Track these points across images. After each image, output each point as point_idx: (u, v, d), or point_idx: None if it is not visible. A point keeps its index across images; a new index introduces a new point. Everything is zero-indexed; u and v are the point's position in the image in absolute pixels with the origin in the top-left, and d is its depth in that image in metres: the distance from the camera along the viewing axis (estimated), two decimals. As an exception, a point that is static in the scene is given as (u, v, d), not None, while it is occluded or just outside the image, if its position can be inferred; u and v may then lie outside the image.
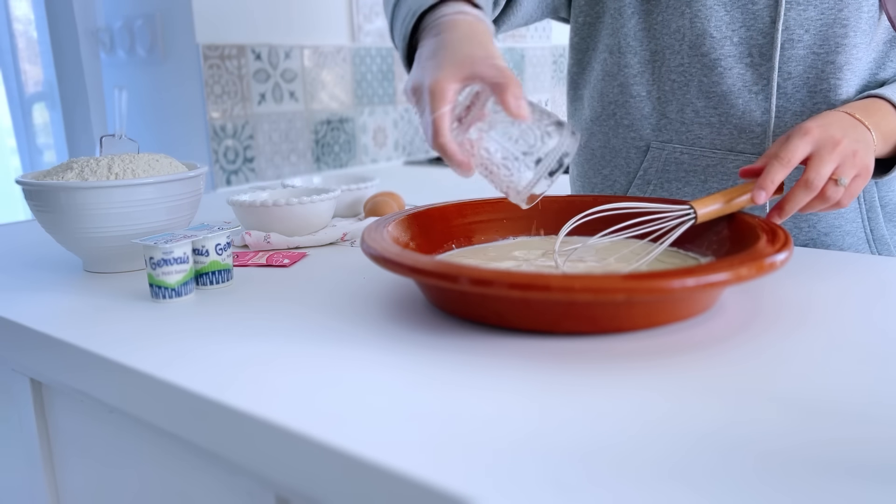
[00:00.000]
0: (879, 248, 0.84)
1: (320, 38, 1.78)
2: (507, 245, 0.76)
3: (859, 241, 0.84)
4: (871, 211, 0.83)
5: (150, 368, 0.51)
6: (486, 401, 0.44)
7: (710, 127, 0.83)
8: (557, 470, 0.36)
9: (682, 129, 0.84)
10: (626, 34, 0.86)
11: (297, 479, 0.43)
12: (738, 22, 0.79)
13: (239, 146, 1.62)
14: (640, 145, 0.88)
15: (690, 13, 0.80)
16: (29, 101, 1.70)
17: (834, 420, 0.41)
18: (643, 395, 0.44)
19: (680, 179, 0.86)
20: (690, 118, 0.83)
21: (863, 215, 0.83)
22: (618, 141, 0.90)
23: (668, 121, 0.85)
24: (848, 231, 0.83)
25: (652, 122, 0.86)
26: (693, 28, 0.80)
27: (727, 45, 0.79)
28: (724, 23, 0.79)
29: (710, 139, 0.83)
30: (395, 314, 0.61)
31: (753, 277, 0.52)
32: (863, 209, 0.83)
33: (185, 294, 0.67)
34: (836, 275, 0.69)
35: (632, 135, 0.88)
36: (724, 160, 0.83)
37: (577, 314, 0.53)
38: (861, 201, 0.83)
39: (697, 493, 0.34)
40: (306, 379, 0.48)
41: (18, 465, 0.73)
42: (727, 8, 0.79)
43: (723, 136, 0.82)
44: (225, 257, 0.70)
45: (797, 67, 0.78)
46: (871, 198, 0.83)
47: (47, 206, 0.73)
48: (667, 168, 0.86)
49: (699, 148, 0.84)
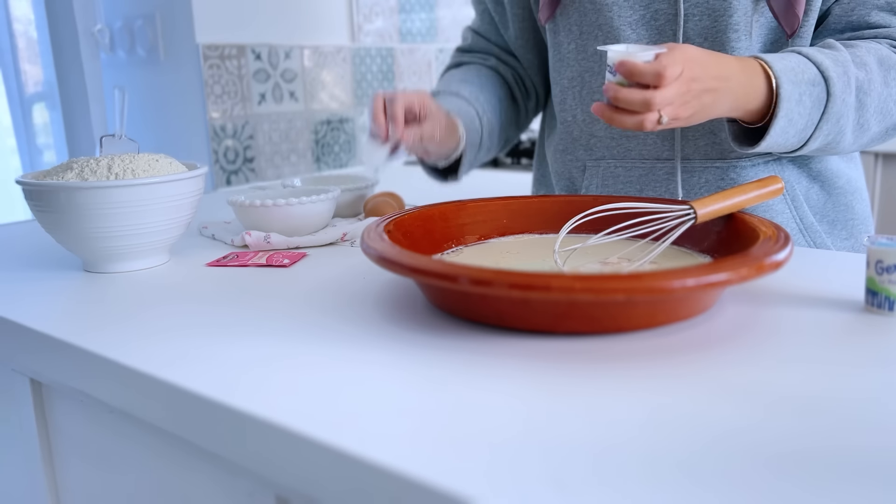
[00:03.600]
0: (813, 238, 0.87)
1: (320, 38, 1.78)
2: (509, 244, 0.76)
3: (792, 233, 0.86)
4: (794, 201, 0.86)
5: (150, 368, 0.51)
6: (486, 401, 0.44)
7: (635, 139, 0.87)
8: (557, 470, 0.36)
9: (612, 145, 0.89)
10: (551, 68, 0.93)
11: (297, 479, 0.43)
12: (645, 39, 0.83)
13: (239, 146, 1.62)
14: (578, 165, 0.93)
15: (602, 35, 0.85)
16: (29, 101, 1.70)
17: (834, 420, 0.41)
18: (643, 395, 0.44)
19: (619, 191, 0.90)
20: (618, 133, 0.88)
21: (789, 206, 0.86)
22: (559, 165, 0.96)
23: (598, 139, 0.90)
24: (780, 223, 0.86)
25: (583, 143, 0.92)
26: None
27: None
28: (631, 40, 0.84)
29: (638, 150, 0.88)
30: (395, 314, 0.61)
31: (753, 277, 0.52)
32: (787, 199, 0.85)
33: None
34: (836, 274, 0.69)
35: (569, 157, 0.94)
36: (654, 168, 0.87)
37: (577, 314, 0.53)
38: (784, 193, 0.85)
39: (698, 492, 0.34)
40: (306, 379, 0.48)
41: (18, 465, 0.73)
42: (633, 27, 0.83)
43: (648, 146, 0.87)
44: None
45: None
46: (792, 190, 0.85)
47: (47, 206, 0.73)
48: (605, 183, 0.91)
49: (629, 160, 0.89)
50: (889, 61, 0.75)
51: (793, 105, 0.71)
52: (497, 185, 1.58)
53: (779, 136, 0.73)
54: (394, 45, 1.98)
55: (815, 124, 0.73)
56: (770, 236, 0.59)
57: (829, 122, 0.73)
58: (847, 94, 0.72)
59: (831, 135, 0.75)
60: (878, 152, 1.94)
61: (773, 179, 0.70)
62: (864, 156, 1.95)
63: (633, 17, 0.83)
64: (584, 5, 0.86)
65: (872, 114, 0.75)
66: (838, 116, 0.73)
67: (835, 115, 0.73)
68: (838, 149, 0.78)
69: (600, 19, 0.85)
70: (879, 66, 0.75)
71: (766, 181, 0.70)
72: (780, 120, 0.71)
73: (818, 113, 0.73)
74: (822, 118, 0.73)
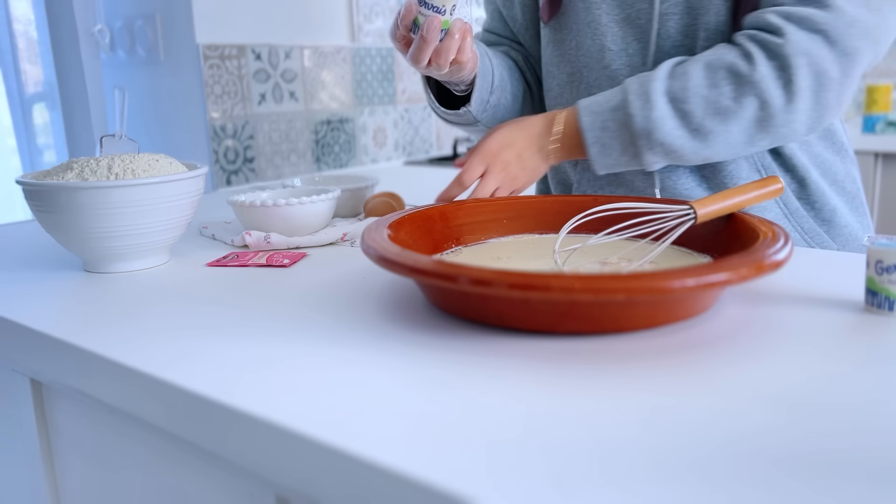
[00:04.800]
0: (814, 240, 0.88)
1: (320, 38, 1.78)
2: (509, 244, 0.76)
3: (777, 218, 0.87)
4: (794, 214, 0.87)
5: (150, 368, 0.51)
6: (486, 401, 0.44)
7: None
8: (557, 470, 0.36)
9: None
10: (546, 63, 0.96)
11: (297, 479, 0.43)
12: (630, 36, 0.86)
13: (239, 146, 1.62)
14: (570, 160, 0.95)
15: (591, 32, 0.89)
16: (29, 101, 1.70)
17: (834, 420, 0.41)
18: (643, 395, 0.44)
19: (607, 183, 0.92)
20: None
21: (787, 216, 0.87)
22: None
23: None
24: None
25: None
26: (594, 44, 0.89)
27: (624, 58, 0.87)
28: (618, 37, 0.87)
29: None
30: (395, 314, 0.61)
31: (753, 277, 0.52)
32: (784, 211, 0.87)
33: None
34: (836, 274, 0.69)
35: None
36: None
37: (577, 314, 0.53)
38: (781, 205, 0.86)
39: (698, 492, 0.34)
40: (306, 379, 0.48)
41: (18, 465, 0.73)
42: (620, 25, 0.87)
43: None
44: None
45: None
46: (793, 206, 0.86)
47: (47, 206, 0.73)
48: (598, 178, 0.92)
49: None
50: (720, 62, 0.76)
51: (597, 132, 0.79)
52: (497, 185, 1.57)
53: (605, 158, 0.80)
54: (394, 45, 1.98)
55: (633, 142, 0.78)
56: (770, 236, 0.59)
57: (644, 137, 0.77)
58: (649, 111, 0.76)
59: (665, 145, 0.77)
60: (878, 152, 1.94)
61: (772, 180, 0.70)
62: (864, 156, 1.95)
63: (619, 16, 0.86)
64: (576, 4, 0.89)
65: (703, 117, 0.76)
66: (649, 131, 0.77)
67: (644, 130, 0.77)
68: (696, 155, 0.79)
69: (589, 17, 0.88)
70: (705, 69, 0.76)
71: (766, 181, 0.70)
72: (592, 147, 0.80)
73: (627, 132, 0.78)
74: (634, 136, 0.78)
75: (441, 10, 0.73)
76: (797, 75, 0.73)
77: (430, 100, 0.96)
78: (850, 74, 0.75)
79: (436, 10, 0.73)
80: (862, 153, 1.95)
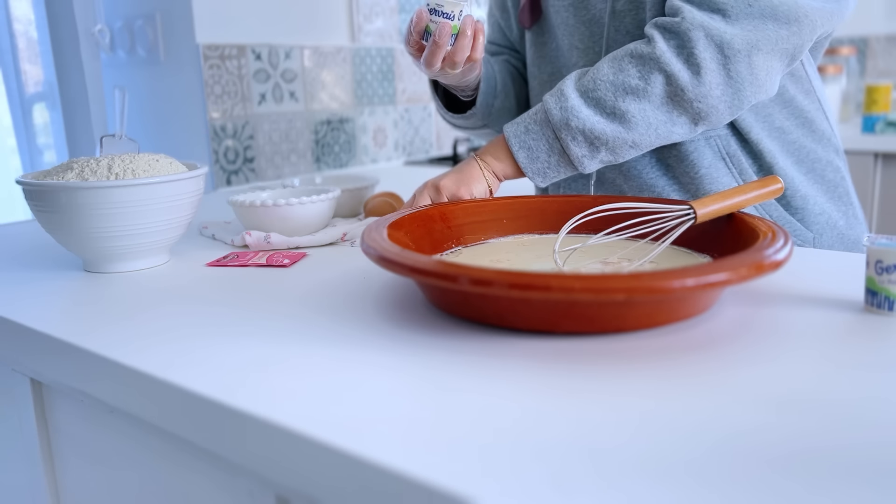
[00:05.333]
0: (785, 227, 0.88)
1: (320, 38, 1.78)
2: (509, 244, 0.76)
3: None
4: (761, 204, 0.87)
5: (150, 368, 0.51)
6: (486, 401, 0.44)
7: None
8: (557, 469, 0.36)
9: None
10: (529, 64, 0.99)
11: (297, 479, 0.43)
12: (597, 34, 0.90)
13: (239, 146, 1.62)
14: None
15: (564, 33, 0.93)
16: (29, 101, 1.70)
17: (834, 420, 0.41)
18: (643, 395, 0.45)
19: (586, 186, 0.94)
20: None
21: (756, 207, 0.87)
22: None
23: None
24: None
25: None
26: (566, 44, 0.92)
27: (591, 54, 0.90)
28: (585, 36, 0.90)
29: None
30: (395, 314, 0.61)
31: (753, 277, 0.52)
32: (734, 173, 0.87)
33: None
34: (836, 274, 0.69)
35: None
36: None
37: (577, 314, 0.53)
38: (731, 166, 0.87)
39: (698, 492, 0.34)
40: (306, 379, 0.48)
41: (18, 465, 0.73)
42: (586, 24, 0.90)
43: None
44: None
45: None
46: (739, 164, 0.87)
47: (47, 206, 0.73)
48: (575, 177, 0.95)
49: None
50: (623, 52, 0.78)
51: (521, 137, 0.81)
52: (497, 185, 1.57)
53: (535, 163, 0.81)
54: (394, 45, 1.98)
55: (556, 137, 0.79)
56: (770, 236, 0.59)
57: (564, 128, 0.78)
58: (563, 101, 0.78)
59: (586, 132, 0.77)
60: (878, 152, 1.94)
61: (772, 179, 0.70)
62: (864, 156, 1.95)
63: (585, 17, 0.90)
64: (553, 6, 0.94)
65: (616, 99, 0.77)
66: (566, 119, 0.77)
67: (561, 120, 0.78)
68: (622, 142, 0.79)
69: (559, 19, 0.94)
70: (611, 60, 0.78)
71: (766, 181, 0.70)
72: (519, 152, 0.81)
73: (549, 129, 0.79)
74: (555, 130, 0.79)
75: (451, 16, 0.80)
76: (697, 48, 0.74)
77: (439, 106, 1.01)
78: (761, 48, 0.74)
79: (446, 16, 0.80)
80: (862, 153, 1.94)
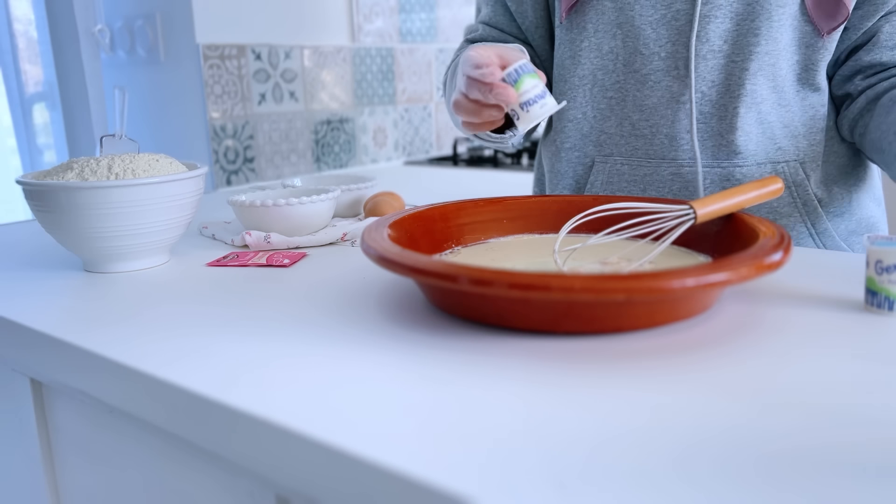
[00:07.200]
0: (825, 242, 0.88)
1: (320, 38, 1.78)
2: (509, 244, 0.76)
3: (801, 235, 0.87)
4: (806, 206, 0.86)
5: (150, 368, 0.51)
6: (486, 401, 0.44)
7: (643, 138, 0.89)
8: (557, 469, 0.36)
9: (622, 143, 0.90)
10: (558, 65, 0.95)
11: (297, 479, 0.43)
12: (664, 38, 0.85)
13: (239, 146, 1.62)
14: (586, 162, 0.94)
15: (622, 34, 0.87)
16: (29, 101, 1.70)
17: (834, 420, 0.41)
18: (643, 395, 0.45)
19: (622, 189, 0.91)
20: (628, 131, 0.90)
21: (799, 210, 0.86)
22: (563, 164, 0.97)
23: (608, 136, 0.91)
24: (785, 225, 0.87)
25: (593, 139, 0.93)
26: (626, 47, 0.87)
27: (656, 61, 0.86)
28: (651, 40, 0.85)
29: (645, 149, 0.89)
30: (395, 314, 0.61)
31: (753, 277, 0.52)
32: (798, 204, 0.86)
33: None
34: (836, 274, 0.69)
35: (576, 154, 0.95)
36: (659, 167, 0.88)
37: (577, 314, 0.53)
38: (795, 196, 0.86)
39: (698, 492, 0.34)
40: (306, 379, 0.48)
41: (18, 465, 0.73)
42: (654, 26, 0.85)
43: (655, 146, 0.88)
44: None
45: (719, 76, 0.84)
46: (805, 194, 0.86)
47: (47, 206, 0.73)
48: (610, 180, 0.92)
49: (636, 159, 0.90)
50: None
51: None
52: (497, 185, 1.58)
53: None
54: (394, 45, 1.98)
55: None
56: (770, 236, 0.59)
57: None
58: None
59: None
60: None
61: (772, 179, 0.70)
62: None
63: (653, 17, 0.85)
64: (604, 3, 0.87)
65: None
66: None
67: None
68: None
69: (620, 18, 0.86)
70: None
71: (766, 181, 0.70)
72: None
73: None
74: None
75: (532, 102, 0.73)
76: None
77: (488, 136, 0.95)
78: None
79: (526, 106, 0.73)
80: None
